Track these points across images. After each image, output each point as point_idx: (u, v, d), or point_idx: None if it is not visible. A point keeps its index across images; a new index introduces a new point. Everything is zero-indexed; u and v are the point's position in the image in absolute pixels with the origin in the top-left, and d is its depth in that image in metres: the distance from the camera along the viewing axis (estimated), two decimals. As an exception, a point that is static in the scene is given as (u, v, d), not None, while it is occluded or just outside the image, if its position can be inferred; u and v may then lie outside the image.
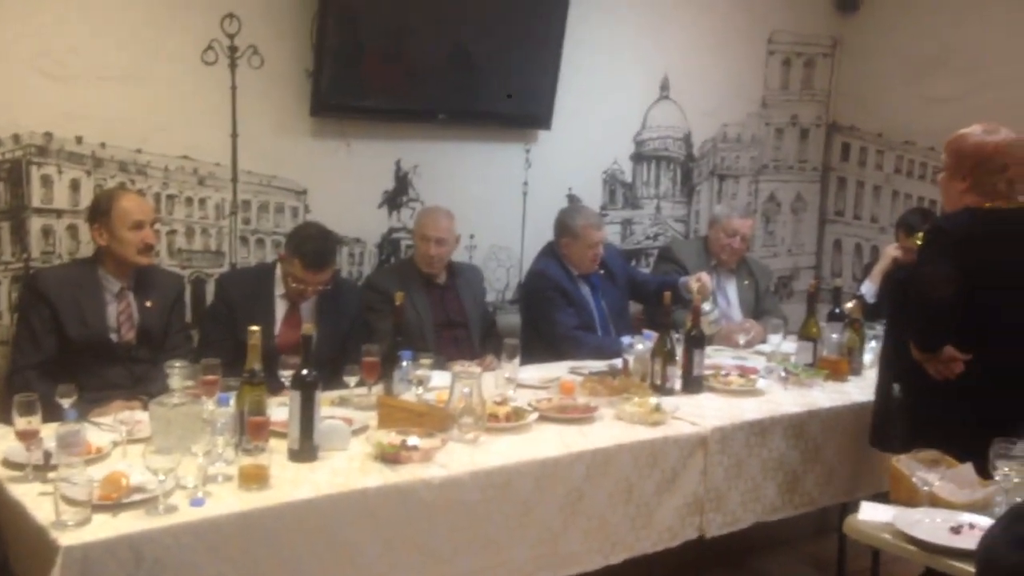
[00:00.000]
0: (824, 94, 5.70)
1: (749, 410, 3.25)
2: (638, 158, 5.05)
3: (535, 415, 2.97)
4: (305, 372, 2.48)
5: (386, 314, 3.51)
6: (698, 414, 3.16)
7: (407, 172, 4.32)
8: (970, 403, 2.73)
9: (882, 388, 3.10)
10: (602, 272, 4.22)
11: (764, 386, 3.51)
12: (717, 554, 3.47)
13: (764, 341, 4.17)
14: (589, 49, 4.66)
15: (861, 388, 3.53)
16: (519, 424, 2.89)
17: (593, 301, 4.13)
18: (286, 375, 2.70)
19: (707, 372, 3.52)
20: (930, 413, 2.84)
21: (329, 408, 2.82)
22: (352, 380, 3.03)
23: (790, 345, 3.91)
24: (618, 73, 4.85)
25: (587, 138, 4.79)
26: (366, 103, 4.07)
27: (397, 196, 4.32)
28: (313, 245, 3.49)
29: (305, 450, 2.50)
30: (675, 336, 3.46)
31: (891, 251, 4.41)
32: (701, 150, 5.28)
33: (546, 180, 4.69)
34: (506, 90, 4.36)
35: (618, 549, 2.86)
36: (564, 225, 4.18)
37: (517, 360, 3.34)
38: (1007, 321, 2.77)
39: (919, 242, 2.96)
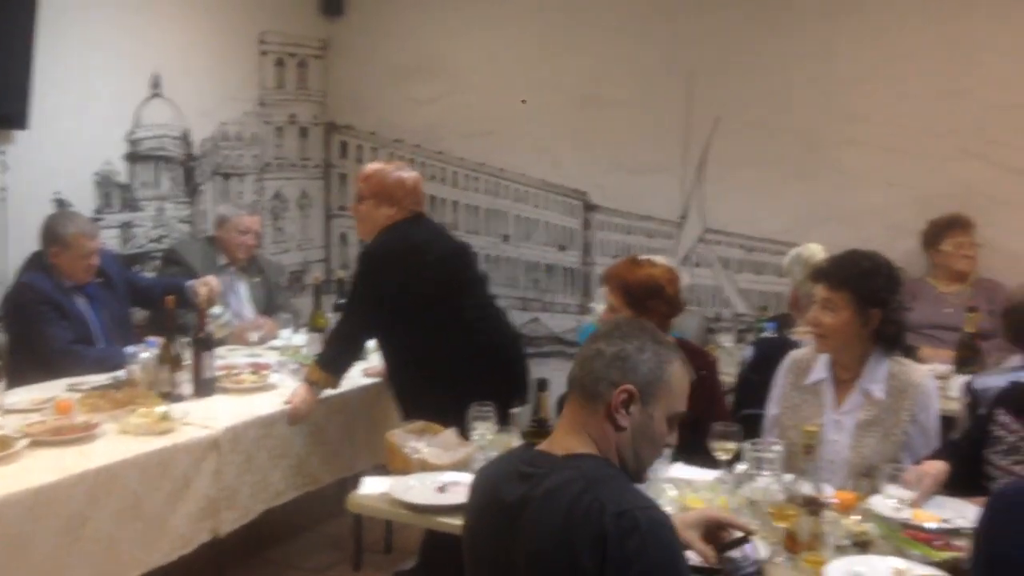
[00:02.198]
0: (320, 94, 5.95)
1: (261, 406, 3.33)
2: (134, 158, 4.83)
3: (25, 441, 2.75)
4: None
5: None
6: (210, 416, 3.17)
7: None
8: (447, 378, 3.15)
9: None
10: (99, 281, 3.99)
11: (277, 380, 3.62)
12: (236, 551, 3.53)
13: (276, 336, 4.28)
14: (69, 44, 4.35)
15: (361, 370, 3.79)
16: (5, 454, 2.65)
17: (90, 312, 3.89)
18: None
19: (220, 373, 3.53)
20: (417, 389, 3.23)
21: None
22: None
23: (302, 337, 4.07)
24: (103, 70, 4.60)
25: (74, 138, 4.47)
26: None
27: None
28: None
29: None
30: (184, 341, 3.42)
31: None
32: (202, 149, 5.22)
33: (29, 184, 4.28)
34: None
35: (129, 568, 2.78)
36: (53, 233, 3.87)
37: (3, 383, 3.06)
38: (456, 305, 3.31)
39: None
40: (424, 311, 3.29)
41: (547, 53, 5.37)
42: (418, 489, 2.58)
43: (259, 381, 3.57)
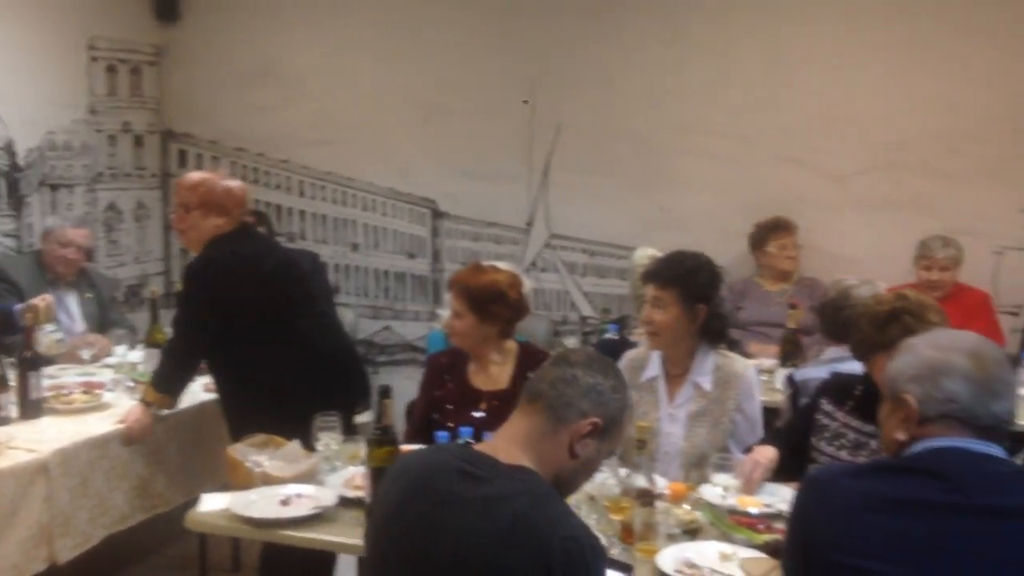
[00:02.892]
0: (155, 101, 5.75)
1: (93, 426, 3.20)
2: (-50, 169, 4.54)
3: None
4: None
5: None
6: (37, 439, 3.02)
7: None
8: (281, 393, 3.13)
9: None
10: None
11: (112, 399, 3.48)
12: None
13: (111, 353, 4.10)
14: None
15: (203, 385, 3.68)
16: None
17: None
18: None
19: (49, 394, 3.36)
20: (249, 406, 3.17)
21: None
22: None
23: (138, 354, 3.92)
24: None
25: None
26: None
27: None
28: None
29: None
30: (8, 361, 3.25)
31: None
32: (27, 159, 4.95)
33: None
34: None
35: (-48, 605, 2.62)
36: None
37: None
38: (289, 318, 3.26)
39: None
40: (256, 325, 3.22)
41: (392, 61, 5.38)
42: (260, 503, 2.54)
43: (91, 401, 3.42)
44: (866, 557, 1.54)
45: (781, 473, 2.60)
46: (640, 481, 2.26)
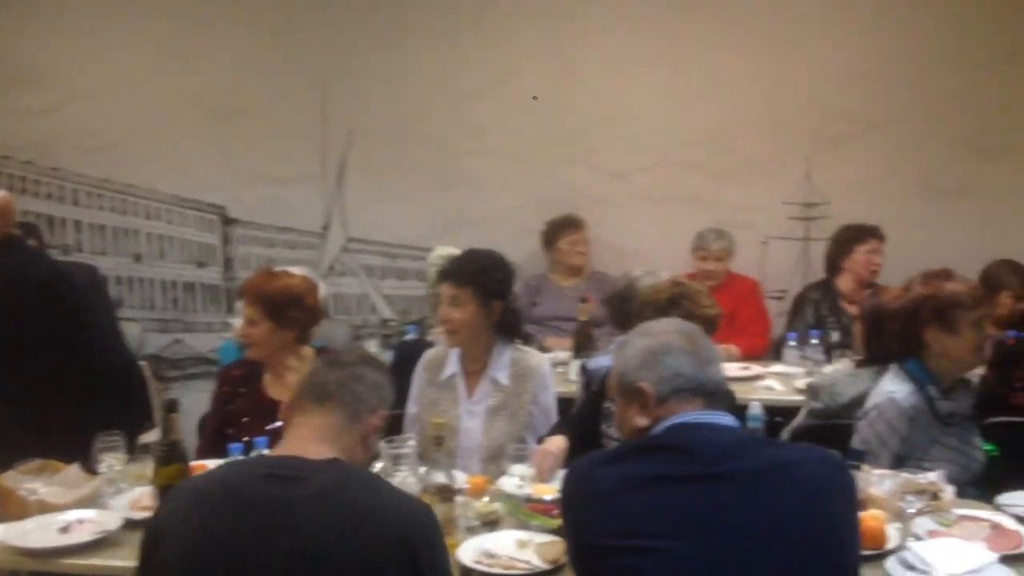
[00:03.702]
0: (-98, 105, 5.22)
1: None
2: None
3: None
4: None
5: None
6: None
7: None
8: (54, 414, 2.93)
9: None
10: None
11: None
12: None
13: None
14: None
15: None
16: None
17: None
18: None
19: None
20: (28, 426, 2.95)
21: None
22: None
23: None
24: None
25: None
26: None
27: None
28: None
29: None
30: None
31: None
32: None
33: None
34: None
35: None
36: None
37: None
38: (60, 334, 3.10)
39: None
40: (25, 342, 3.00)
41: (171, 60, 5.14)
42: (37, 532, 2.37)
43: None
44: (628, 536, 1.66)
45: (575, 458, 2.70)
46: (439, 477, 2.29)
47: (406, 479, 2.36)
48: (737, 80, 4.84)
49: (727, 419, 1.81)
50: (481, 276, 2.92)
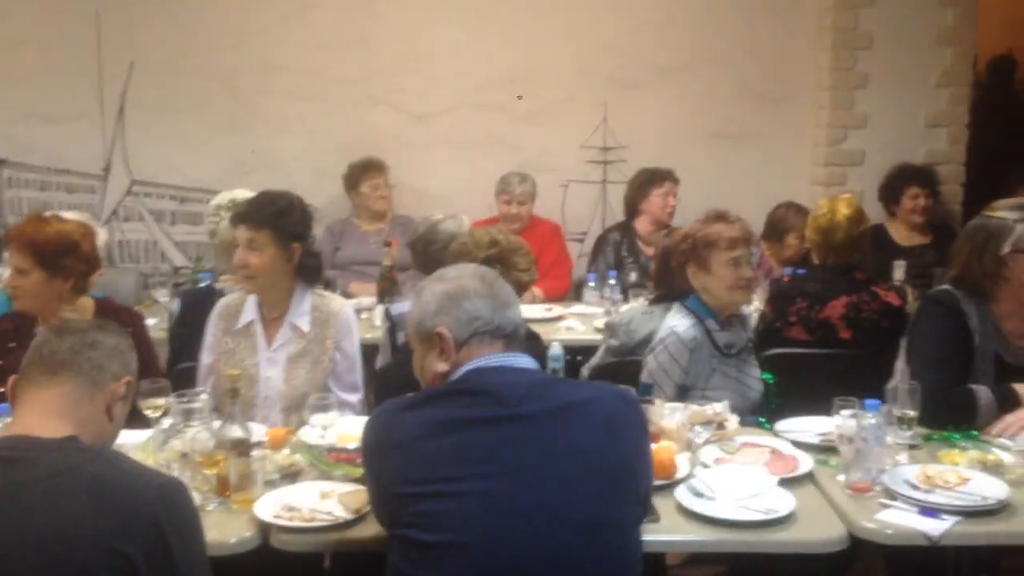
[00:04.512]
0: None
1: None
2: None
3: None
4: None
5: None
6: None
7: None
8: None
9: None
10: None
11: None
12: None
13: None
14: None
15: None
16: None
17: None
18: None
19: None
20: None
21: None
22: None
23: None
24: None
25: None
26: None
27: None
28: None
29: None
30: None
31: None
32: None
33: None
34: None
35: None
36: None
37: None
38: None
39: None
40: None
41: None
42: None
43: None
44: (431, 481, 1.66)
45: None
46: (235, 431, 2.18)
47: (199, 434, 2.24)
48: (538, 24, 4.86)
49: (526, 361, 1.84)
50: (279, 218, 2.79)
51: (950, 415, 2.51)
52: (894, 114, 4.77)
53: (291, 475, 2.28)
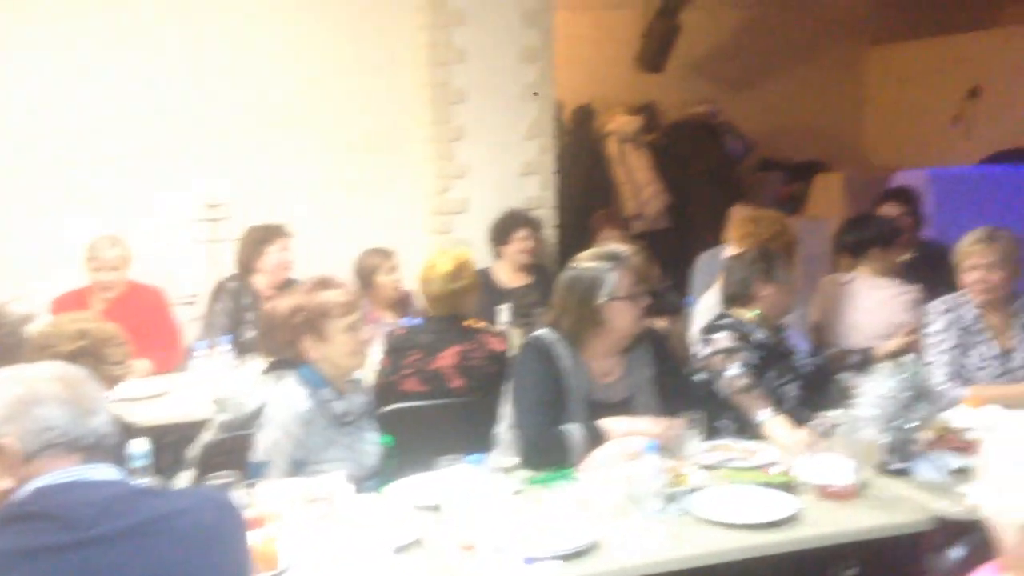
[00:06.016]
0: None
1: None
2: None
3: None
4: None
5: None
6: None
7: None
8: None
9: None
10: None
11: None
12: None
13: None
14: None
15: None
16: None
17: None
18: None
19: None
20: None
21: None
22: None
23: None
24: None
25: None
26: None
27: None
28: None
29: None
30: None
31: None
32: None
33: None
34: None
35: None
36: None
37: None
38: None
39: None
40: None
41: None
42: None
43: None
44: None
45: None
46: None
47: None
48: (124, 74, 4.55)
49: (105, 472, 1.63)
50: None
51: (546, 457, 2.66)
52: (492, 164, 5.06)
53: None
